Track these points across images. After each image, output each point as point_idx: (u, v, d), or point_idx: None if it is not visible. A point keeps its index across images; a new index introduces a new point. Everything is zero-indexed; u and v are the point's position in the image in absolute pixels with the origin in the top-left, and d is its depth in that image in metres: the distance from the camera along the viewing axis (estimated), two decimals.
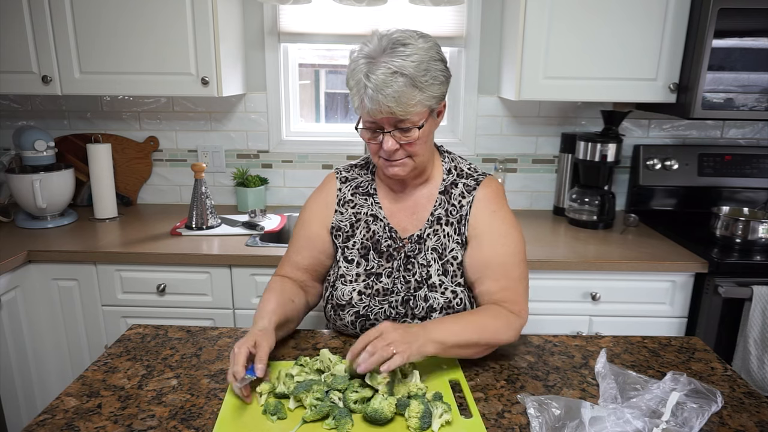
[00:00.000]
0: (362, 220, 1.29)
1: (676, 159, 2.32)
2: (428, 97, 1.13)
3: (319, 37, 2.35)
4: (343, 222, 1.29)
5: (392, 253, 1.26)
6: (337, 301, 1.26)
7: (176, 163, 2.49)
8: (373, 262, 1.26)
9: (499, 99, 2.40)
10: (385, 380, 0.99)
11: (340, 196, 1.32)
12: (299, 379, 1.04)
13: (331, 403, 0.97)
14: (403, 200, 1.29)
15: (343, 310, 1.25)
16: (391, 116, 1.11)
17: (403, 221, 1.28)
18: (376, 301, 1.24)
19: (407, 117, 1.12)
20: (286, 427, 0.94)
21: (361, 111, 1.15)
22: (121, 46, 2.00)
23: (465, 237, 1.24)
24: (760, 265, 1.84)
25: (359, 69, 1.12)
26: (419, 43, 1.12)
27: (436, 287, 1.23)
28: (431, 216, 1.26)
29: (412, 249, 1.25)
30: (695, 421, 0.94)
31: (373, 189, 1.31)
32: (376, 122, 1.14)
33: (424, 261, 1.24)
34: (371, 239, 1.27)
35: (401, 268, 1.25)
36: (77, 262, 1.90)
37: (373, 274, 1.25)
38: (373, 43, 1.12)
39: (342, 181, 1.34)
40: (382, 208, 1.29)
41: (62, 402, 1.02)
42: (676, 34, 1.96)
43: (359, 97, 1.12)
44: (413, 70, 1.09)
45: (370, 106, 1.10)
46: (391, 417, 0.95)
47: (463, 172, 1.30)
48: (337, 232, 1.30)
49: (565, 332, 1.90)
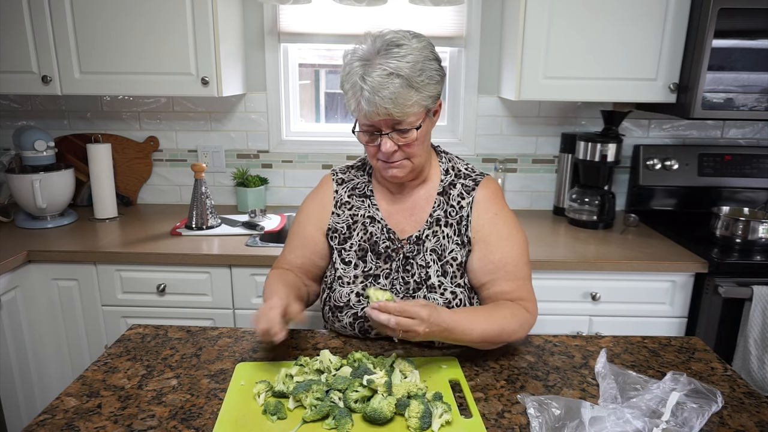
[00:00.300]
0: (359, 222, 1.28)
1: (676, 159, 2.32)
2: (424, 97, 1.13)
3: (319, 37, 2.35)
4: (339, 224, 1.29)
5: (390, 254, 1.25)
6: (335, 303, 1.26)
7: (176, 163, 2.49)
8: (370, 263, 1.26)
9: (499, 99, 2.40)
10: (382, 379, 0.99)
11: (337, 198, 1.32)
12: (299, 379, 1.04)
13: (331, 403, 0.97)
14: (401, 202, 1.29)
15: (341, 312, 1.25)
16: (389, 118, 1.11)
17: (401, 222, 1.28)
18: None
19: (404, 118, 1.12)
20: (286, 427, 0.94)
21: (357, 114, 1.15)
22: (121, 46, 2.00)
23: (468, 238, 1.24)
24: (760, 265, 1.84)
25: (354, 72, 1.11)
26: (413, 43, 1.12)
27: (435, 288, 1.23)
28: (430, 217, 1.26)
29: (411, 250, 1.25)
30: (695, 421, 0.94)
31: (369, 191, 1.31)
32: (374, 125, 1.14)
33: (423, 262, 1.24)
34: (368, 241, 1.27)
35: (400, 269, 1.24)
36: (77, 262, 1.90)
37: (371, 276, 1.25)
38: (367, 44, 1.12)
39: (338, 182, 1.33)
40: (379, 209, 1.29)
41: (62, 402, 1.02)
42: (676, 34, 1.96)
43: (355, 100, 1.12)
44: (409, 71, 1.09)
45: (367, 108, 1.10)
46: (391, 417, 0.95)
47: (460, 173, 1.30)
48: (334, 234, 1.29)
49: (565, 332, 1.90)
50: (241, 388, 1.05)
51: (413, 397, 0.99)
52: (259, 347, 1.23)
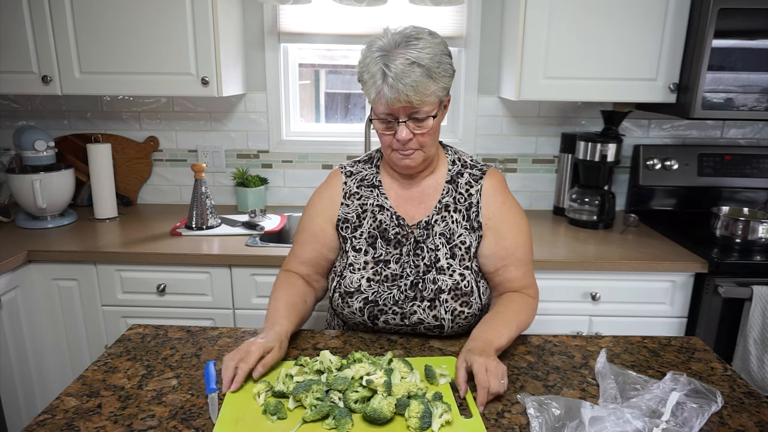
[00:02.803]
0: (368, 210, 1.32)
1: (676, 159, 2.32)
2: (440, 88, 1.18)
3: (319, 37, 2.35)
4: (349, 214, 1.32)
5: (400, 240, 1.29)
6: (346, 288, 1.27)
7: (176, 163, 2.49)
8: (381, 249, 1.29)
9: (499, 99, 2.39)
10: (382, 379, 0.99)
11: (346, 189, 1.35)
12: (299, 379, 1.04)
13: (331, 403, 0.97)
14: (410, 190, 1.33)
15: (351, 297, 1.27)
16: (408, 105, 1.16)
17: (410, 210, 1.32)
18: (385, 287, 1.26)
19: (422, 107, 1.17)
20: (286, 427, 0.94)
21: (377, 102, 1.18)
22: (121, 46, 2.00)
23: (478, 223, 1.29)
24: (760, 265, 1.84)
25: (375, 61, 1.16)
26: (430, 38, 1.18)
27: (444, 270, 1.26)
28: (439, 203, 1.30)
29: (421, 234, 1.28)
30: (695, 421, 0.94)
31: (378, 181, 1.34)
32: (392, 113, 1.18)
33: (432, 245, 1.27)
34: (378, 228, 1.30)
35: (410, 253, 1.27)
36: (77, 262, 1.90)
37: (381, 261, 1.28)
38: (387, 38, 1.18)
39: (347, 175, 1.37)
40: (388, 198, 1.32)
41: (62, 402, 1.02)
42: (676, 34, 1.96)
43: (376, 88, 1.16)
44: (429, 62, 1.14)
45: (390, 95, 1.14)
46: (391, 417, 0.95)
47: (467, 163, 1.35)
48: (344, 224, 1.32)
49: (565, 332, 1.90)
50: (241, 388, 1.05)
51: (413, 397, 0.99)
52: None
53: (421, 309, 1.24)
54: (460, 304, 1.24)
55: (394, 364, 1.08)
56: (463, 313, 1.24)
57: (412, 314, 1.24)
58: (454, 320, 1.24)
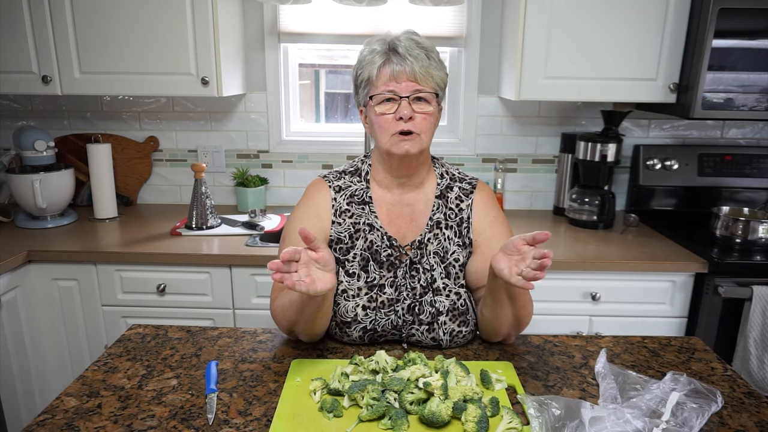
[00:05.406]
0: (360, 230, 1.26)
1: (676, 159, 2.32)
2: (439, 78, 1.20)
3: (319, 37, 2.35)
4: (342, 233, 1.26)
5: (393, 262, 1.24)
6: (342, 318, 1.22)
7: (176, 163, 2.49)
8: (373, 273, 1.24)
9: (499, 99, 2.40)
10: (438, 382, 0.99)
11: (336, 206, 1.27)
12: (354, 378, 1.04)
13: (387, 404, 0.97)
14: (400, 208, 1.28)
15: (349, 327, 1.22)
16: (412, 81, 1.17)
17: (402, 228, 1.27)
18: (382, 313, 1.21)
19: (425, 86, 1.18)
20: (342, 425, 0.95)
21: (379, 78, 1.18)
22: (121, 46, 2.00)
23: (469, 240, 1.26)
24: (760, 265, 1.84)
25: (378, 44, 1.20)
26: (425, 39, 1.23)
27: (440, 291, 1.23)
28: (430, 221, 1.26)
29: (415, 254, 1.24)
30: (695, 421, 0.94)
31: (369, 197, 1.28)
32: (395, 90, 1.17)
33: (427, 265, 1.24)
34: (369, 249, 1.25)
35: (406, 276, 1.24)
36: (77, 262, 1.90)
37: (375, 286, 1.23)
38: (384, 34, 1.22)
39: (336, 190, 1.29)
40: (378, 217, 1.27)
41: (62, 402, 1.02)
42: (676, 34, 1.96)
43: (380, 63, 1.18)
44: (430, 49, 1.21)
45: (398, 67, 1.16)
46: (448, 420, 0.95)
47: (455, 176, 1.32)
48: (337, 245, 1.26)
49: (565, 332, 1.90)
50: (297, 385, 1.06)
51: (469, 401, 0.98)
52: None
53: (420, 332, 1.21)
54: (458, 324, 1.21)
55: (451, 367, 1.07)
56: (461, 333, 1.21)
57: (409, 336, 1.22)
58: (452, 340, 1.21)
